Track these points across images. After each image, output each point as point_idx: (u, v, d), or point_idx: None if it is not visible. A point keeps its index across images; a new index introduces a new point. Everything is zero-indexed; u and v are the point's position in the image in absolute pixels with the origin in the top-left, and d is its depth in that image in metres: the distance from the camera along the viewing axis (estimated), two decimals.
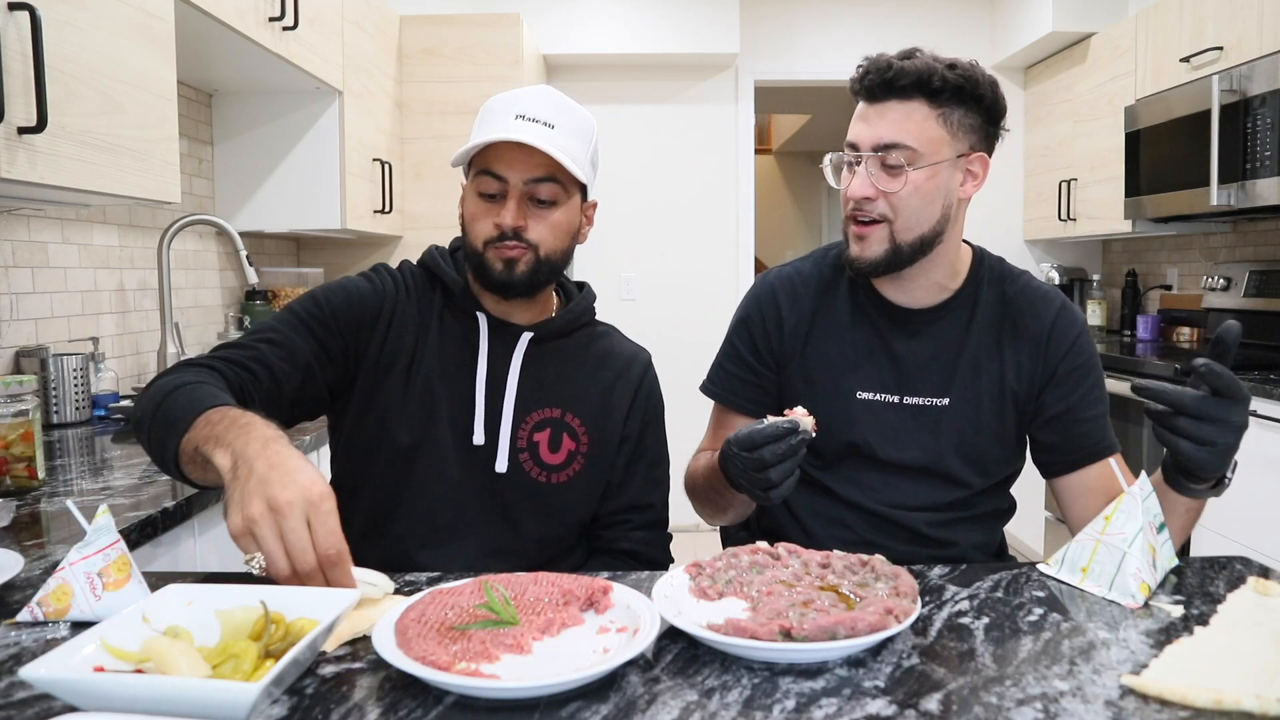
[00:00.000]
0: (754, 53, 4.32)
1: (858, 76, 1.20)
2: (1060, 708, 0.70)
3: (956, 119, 1.19)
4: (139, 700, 0.63)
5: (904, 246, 1.20)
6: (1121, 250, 4.23)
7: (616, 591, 0.88)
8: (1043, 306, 1.29)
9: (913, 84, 1.16)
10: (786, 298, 1.33)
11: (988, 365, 1.27)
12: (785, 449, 1.03)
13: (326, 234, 3.10)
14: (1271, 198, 2.58)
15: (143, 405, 1.06)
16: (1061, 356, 1.26)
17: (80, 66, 1.50)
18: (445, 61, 3.35)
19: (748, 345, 1.35)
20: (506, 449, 1.22)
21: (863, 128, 1.20)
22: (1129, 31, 3.42)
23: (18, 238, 1.92)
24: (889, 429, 1.27)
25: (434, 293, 1.28)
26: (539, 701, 0.70)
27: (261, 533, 0.81)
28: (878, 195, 1.18)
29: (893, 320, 1.29)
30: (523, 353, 1.25)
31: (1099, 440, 1.26)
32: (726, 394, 1.36)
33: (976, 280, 1.30)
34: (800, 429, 1.03)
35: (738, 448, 1.06)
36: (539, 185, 1.18)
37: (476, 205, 1.23)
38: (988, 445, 1.27)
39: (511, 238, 1.19)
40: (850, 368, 1.29)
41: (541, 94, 1.21)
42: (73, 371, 1.93)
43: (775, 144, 7.91)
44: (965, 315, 1.28)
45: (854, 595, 0.87)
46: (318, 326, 1.20)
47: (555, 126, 1.18)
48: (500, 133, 1.16)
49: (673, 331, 4.29)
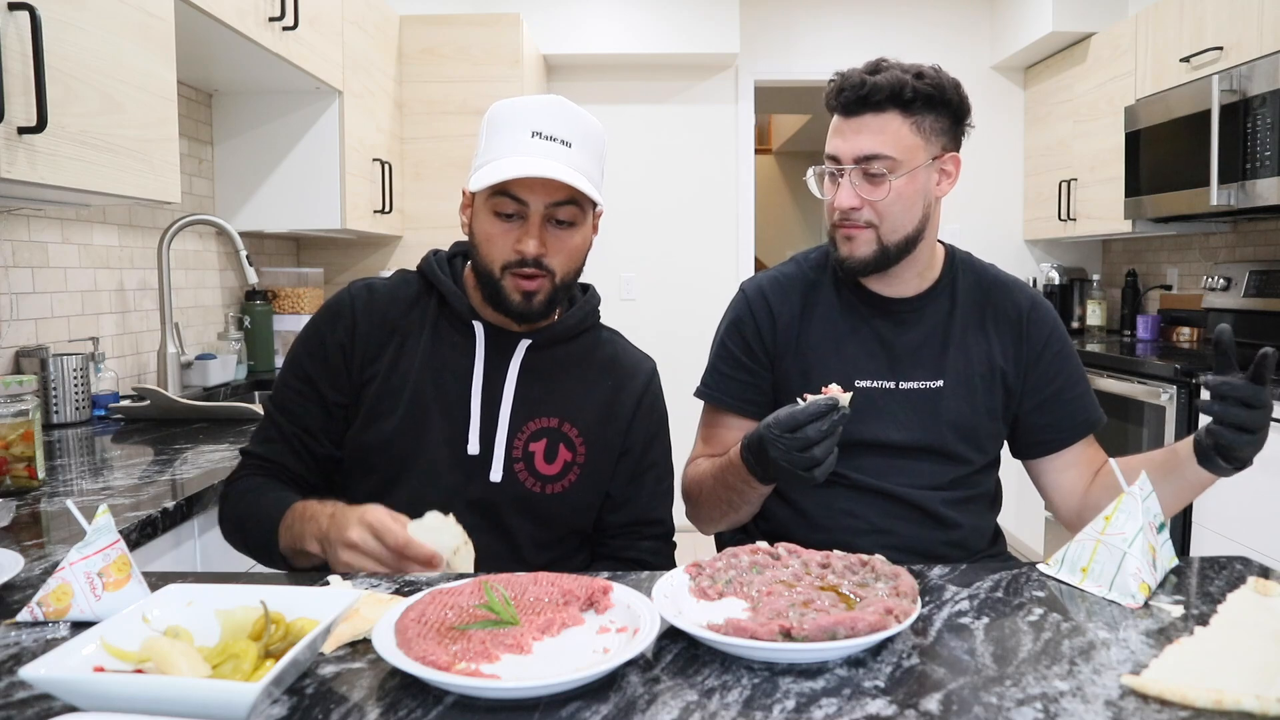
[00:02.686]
0: (754, 53, 4.32)
1: (832, 93, 1.27)
2: (1060, 708, 0.70)
3: (928, 125, 1.26)
4: (139, 700, 0.63)
5: (891, 248, 1.28)
6: (1121, 250, 4.23)
7: (617, 591, 0.88)
8: (1016, 293, 1.39)
9: (886, 97, 1.23)
10: (776, 296, 1.37)
11: (975, 346, 1.34)
12: (829, 426, 1.08)
13: (326, 234, 3.10)
14: (1271, 198, 2.58)
15: (230, 526, 1.26)
16: (1044, 340, 1.36)
17: (80, 66, 1.50)
18: (445, 61, 3.35)
19: (741, 346, 1.37)
20: (501, 459, 1.21)
21: (841, 142, 1.26)
22: (1129, 31, 3.42)
23: (18, 238, 1.92)
24: (889, 414, 1.32)
25: (429, 299, 1.27)
26: (539, 701, 0.70)
27: (355, 562, 1.03)
28: (863, 204, 1.25)
29: (880, 311, 1.35)
30: (520, 361, 1.24)
31: (1089, 412, 1.37)
32: (723, 396, 1.38)
33: (952, 270, 1.38)
34: (840, 405, 1.07)
35: (780, 429, 1.10)
36: (559, 208, 1.16)
37: (492, 225, 1.18)
38: (982, 422, 1.34)
39: (532, 265, 1.16)
40: (845, 358, 1.33)
41: (555, 107, 1.17)
42: (73, 371, 1.93)
43: (775, 144, 7.91)
44: (947, 301, 1.36)
45: (854, 595, 0.87)
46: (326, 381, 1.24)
47: (572, 144, 1.16)
48: (523, 160, 1.13)
49: (673, 331, 4.28)
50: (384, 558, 1.03)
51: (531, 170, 1.11)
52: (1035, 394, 1.36)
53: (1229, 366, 1.11)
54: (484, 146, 1.18)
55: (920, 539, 1.31)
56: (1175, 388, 2.70)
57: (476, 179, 1.14)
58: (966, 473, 1.34)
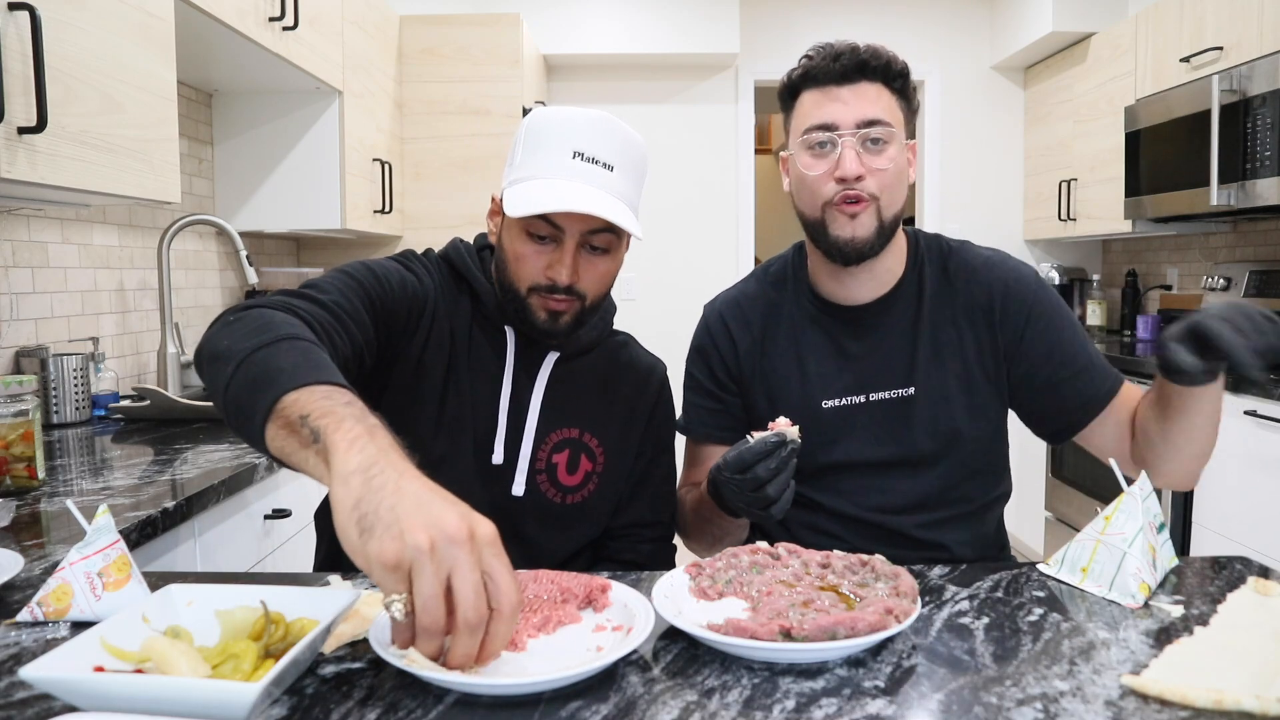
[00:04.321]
0: (754, 53, 4.32)
1: (828, 59, 1.20)
2: (1060, 708, 0.69)
3: (903, 105, 1.23)
4: (139, 700, 0.63)
5: (887, 225, 1.21)
6: (1121, 250, 4.23)
7: (615, 590, 0.88)
8: (985, 275, 1.28)
9: (881, 67, 1.20)
10: (735, 321, 1.34)
11: (948, 346, 1.27)
12: (777, 463, 1.04)
13: (326, 234, 3.10)
14: (1271, 198, 2.58)
15: (234, 336, 0.87)
16: (1024, 322, 1.26)
17: (80, 66, 1.50)
18: (445, 61, 3.35)
19: (706, 375, 1.35)
20: (525, 470, 1.19)
21: (840, 107, 1.18)
22: (1129, 31, 3.42)
23: (18, 238, 1.92)
24: (860, 429, 1.27)
25: (462, 296, 1.21)
26: (539, 699, 0.70)
27: (427, 568, 0.63)
28: (867, 173, 1.18)
29: (842, 322, 1.29)
30: (548, 374, 1.21)
31: (1098, 384, 1.25)
32: (697, 427, 1.36)
33: (917, 264, 1.30)
34: (788, 440, 1.04)
35: (730, 471, 1.06)
36: (595, 235, 1.12)
37: (524, 245, 1.12)
38: (961, 425, 1.26)
39: (563, 291, 1.12)
40: (810, 378, 1.28)
41: (600, 126, 1.11)
42: (73, 371, 1.93)
43: (775, 144, 7.92)
44: (912, 303, 1.28)
45: (854, 595, 0.87)
46: (378, 309, 1.08)
47: (615, 168, 1.10)
48: (563, 187, 1.07)
49: (673, 331, 4.27)
50: (472, 608, 0.65)
51: (571, 205, 1.05)
52: (1030, 380, 1.26)
53: None
54: (521, 159, 1.12)
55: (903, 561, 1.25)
56: None
57: (512, 203, 1.07)
58: (947, 485, 1.27)
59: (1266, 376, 1.03)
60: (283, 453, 0.78)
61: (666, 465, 1.34)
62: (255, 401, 0.79)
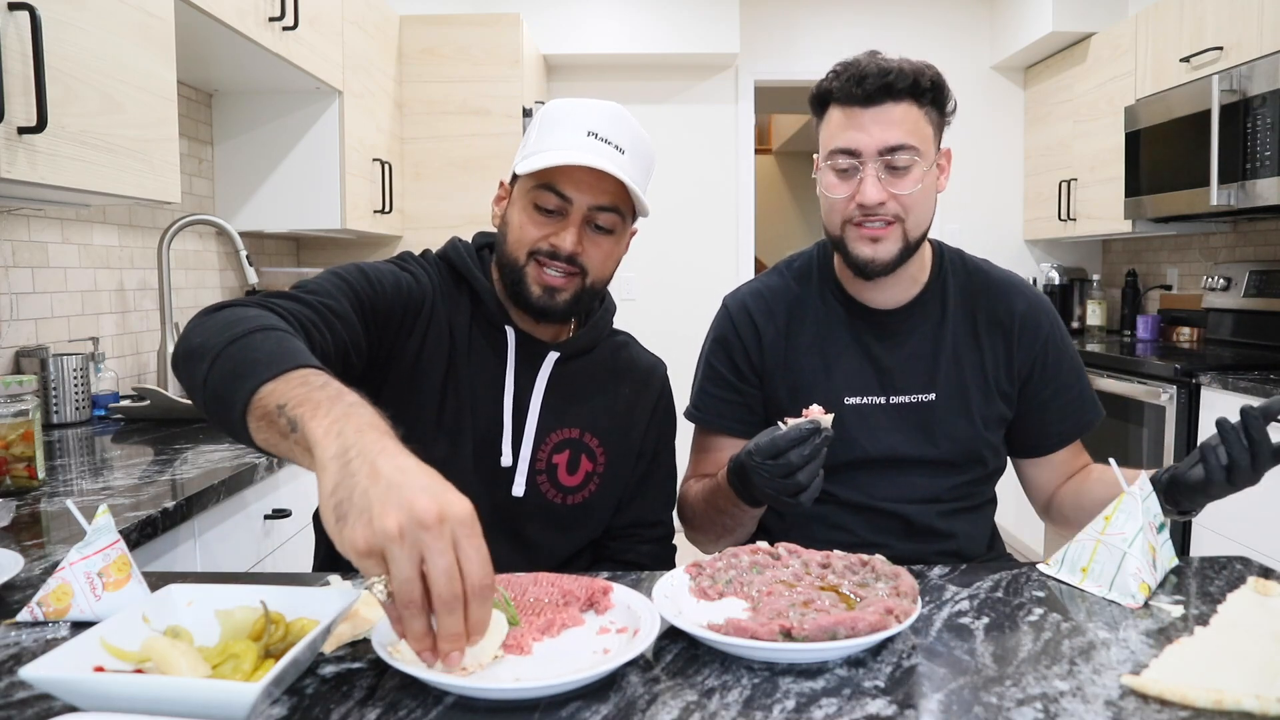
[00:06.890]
0: (754, 53, 4.31)
1: (852, 81, 1.18)
2: (1060, 708, 0.70)
3: (934, 117, 1.23)
4: (139, 700, 0.63)
5: (912, 244, 1.23)
6: (1121, 250, 4.23)
7: (617, 592, 0.88)
8: (1009, 296, 1.33)
9: (908, 86, 1.18)
10: (761, 313, 1.34)
11: (968, 356, 1.30)
12: (811, 450, 1.04)
13: (326, 234, 3.10)
14: (1271, 198, 2.58)
15: (207, 332, 0.87)
16: (1041, 348, 1.32)
17: (80, 66, 1.50)
18: (445, 61, 3.35)
19: (727, 365, 1.34)
20: (525, 471, 1.19)
21: (860, 134, 1.18)
22: (1129, 31, 3.42)
23: (18, 238, 1.92)
24: (880, 430, 1.28)
25: (461, 296, 1.21)
26: (539, 702, 0.70)
27: (398, 554, 0.63)
28: (889, 198, 1.19)
29: (867, 323, 1.31)
30: (548, 374, 1.21)
31: (1074, 420, 1.35)
32: (713, 418, 1.36)
33: (941, 272, 1.33)
34: (822, 428, 1.04)
35: (761, 456, 1.06)
36: (601, 213, 1.13)
37: (529, 215, 1.14)
38: (979, 433, 1.30)
39: (564, 260, 1.13)
40: (834, 375, 1.29)
41: (613, 113, 1.14)
42: (73, 371, 1.93)
43: (775, 144, 7.91)
44: (937, 310, 1.31)
45: (854, 595, 0.87)
46: (368, 309, 1.09)
47: (626, 152, 1.12)
48: (576, 150, 1.09)
49: (672, 331, 4.27)
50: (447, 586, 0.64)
51: (584, 160, 1.07)
52: (1026, 402, 1.33)
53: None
54: (535, 139, 1.14)
55: (913, 551, 1.28)
56: (1175, 388, 2.70)
57: (525, 163, 1.09)
58: (963, 482, 1.31)
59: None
60: (268, 444, 0.78)
61: (667, 465, 1.33)
62: (233, 395, 0.79)
